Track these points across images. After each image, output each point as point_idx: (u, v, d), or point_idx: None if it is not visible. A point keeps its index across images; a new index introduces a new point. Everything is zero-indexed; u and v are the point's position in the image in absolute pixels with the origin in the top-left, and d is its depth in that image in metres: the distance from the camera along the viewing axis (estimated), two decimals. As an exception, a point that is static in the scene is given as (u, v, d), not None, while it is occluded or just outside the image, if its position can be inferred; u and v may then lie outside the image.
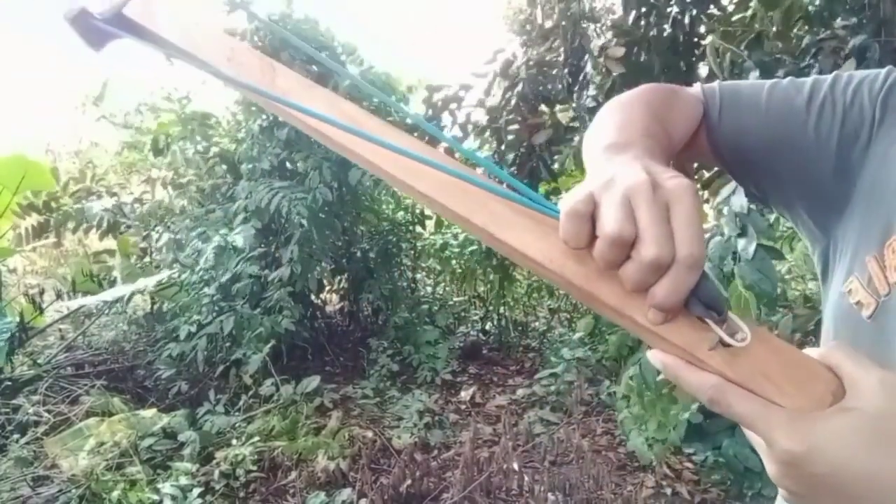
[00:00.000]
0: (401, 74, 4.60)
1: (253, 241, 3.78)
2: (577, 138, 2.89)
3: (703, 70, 2.96)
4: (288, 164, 4.11)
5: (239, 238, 3.67)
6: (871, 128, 0.60)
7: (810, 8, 2.40)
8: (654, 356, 0.41)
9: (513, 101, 3.01)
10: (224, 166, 4.42)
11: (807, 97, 0.64)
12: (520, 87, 2.96)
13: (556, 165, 3.16)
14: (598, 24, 2.88)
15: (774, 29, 2.40)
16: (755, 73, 2.12)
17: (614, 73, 2.62)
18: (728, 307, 0.39)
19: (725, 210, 1.95)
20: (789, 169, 0.64)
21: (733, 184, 2.04)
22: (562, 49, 2.98)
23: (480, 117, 3.13)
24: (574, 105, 2.94)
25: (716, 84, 0.71)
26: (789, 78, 0.68)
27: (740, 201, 1.84)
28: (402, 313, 4.44)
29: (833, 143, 0.61)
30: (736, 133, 0.67)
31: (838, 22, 2.27)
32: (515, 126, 3.02)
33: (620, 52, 2.62)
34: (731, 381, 0.39)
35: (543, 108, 3.09)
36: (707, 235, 2.20)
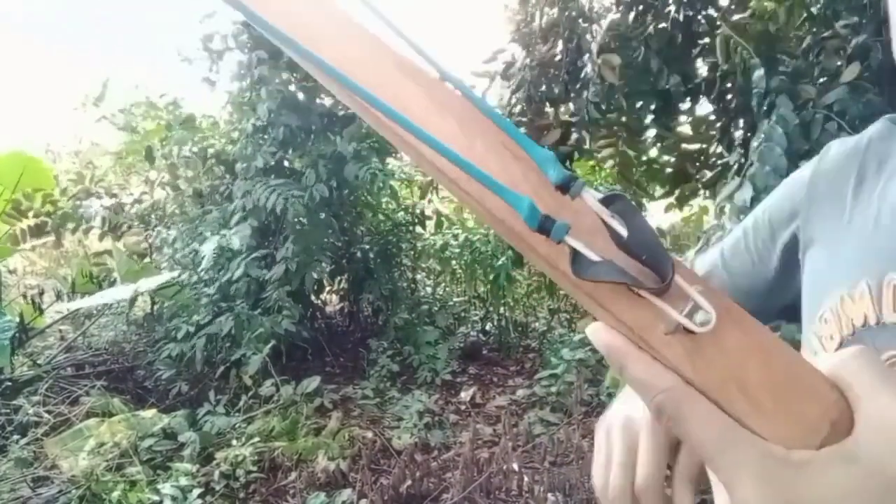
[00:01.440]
0: None
1: (250, 240, 3.78)
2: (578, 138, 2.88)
3: (702, 69, 2.96)
4: (286, 163, 4.11)
5: (235, 238, 3.67)
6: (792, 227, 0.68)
7: (813, 9, 2.40)
8: (595, 333, 0.30)
9: (519, 104, 3.00)
10: (222, 167, 4.42)
11: (743, 241, 0.73)
12: (524, 89, 2.95)
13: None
14: (596, 24, 2.87)
15: (776, 28, 2.40)
16: (760, 72, 2.12)
17: (608, 82, 2.63)
18: (674, 270, 0.27)
19: (727, 207, 1.95)
20: (772, 304, 0.72)
21: (735, 182, 2.04)
22: (559, 48, 2.98)
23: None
24: (574, 106, 2.94)
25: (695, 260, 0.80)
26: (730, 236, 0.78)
27: (743, 196, 1.84)
28: (402, 314, 4.44)
29: (776, 258, 0.69)
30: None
31: (840, 21, 2.27)
32: (523, 129, 3.01)
33: (617, 60, 2.62)
34: (690, 385, 0.28)
35: (548, 108, 3.09)
36: (709, 232, 2.19)
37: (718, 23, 2.64)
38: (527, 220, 0.28)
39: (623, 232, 0.29)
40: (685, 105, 3.00)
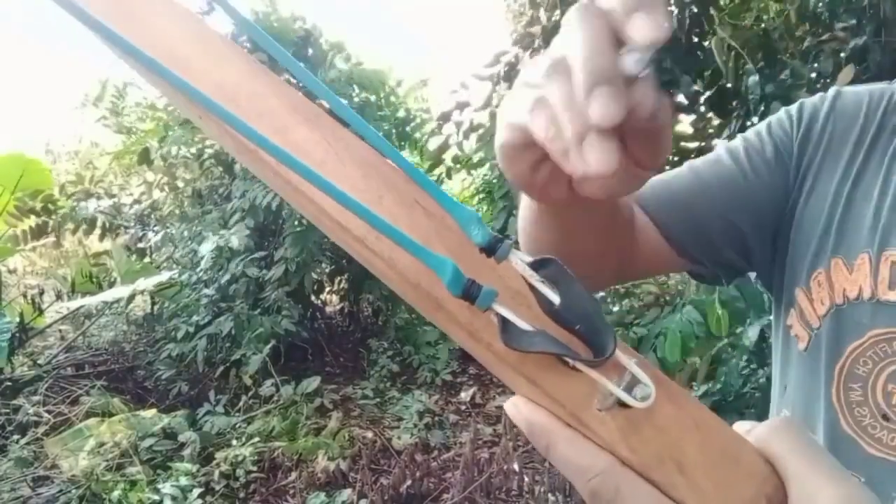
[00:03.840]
0: (391, 69, 4.60)
1: (249, 241, 3.78)
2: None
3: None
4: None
5: (234, 238, 3.68)
6: (797, 167, 0.60)
7: (817, 10, 2.40)
8: (515, 409, 0.27)
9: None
10: (220, 168, 4.42)
11: (727, 154, 0.64)
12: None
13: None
14: None
15: (774, 28, 2.40)
16: (755, 77, 2.12)
17: None
18: (615, 341, 0.25)
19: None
20: (752, 224, 0.62)
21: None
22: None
23: (483, 120, 3.13)
24: None
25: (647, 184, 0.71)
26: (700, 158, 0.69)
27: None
28: (402, 314, 4.44)
29: (777, 178, 0.61)
30: (689, 218, 0.63)
31: (838, 23, 2.28)
32: None
33: None
34: (626, 465, 0.26)
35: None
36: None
37: (714, 27, 2.64)
38: (449, 285, 0.25)
39: (555, 299, 0.26)
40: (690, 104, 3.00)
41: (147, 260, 4.73)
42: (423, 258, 0.26)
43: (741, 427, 0.29)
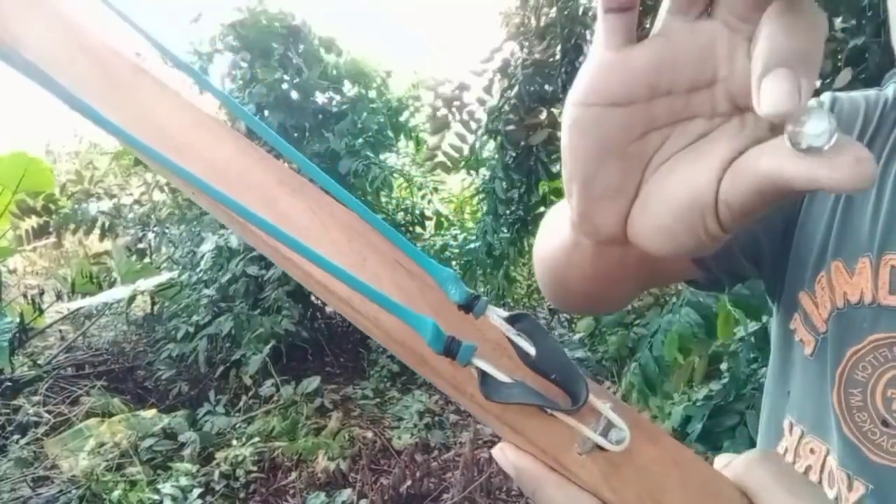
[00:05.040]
0: (380, 61, 4.59)
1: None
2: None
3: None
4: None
5: (233, 238, 3.68)
6: None
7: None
8: (502, 454, 0.29)
9: (511, 102, 3.00)
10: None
11: None
12: (517, 88, 2.96)
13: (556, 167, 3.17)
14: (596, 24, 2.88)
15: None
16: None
17: None
18: (587, 390, 0.27)
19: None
20: (767, 230, 0.61)
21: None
22: (558, 48, 2.98)
23: (482, 115, 3.13)
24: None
25: None
26: None
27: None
28: (402, 314, 4.44)
29: None
30: None
31: (838, 24, 2.27)
32: (512, 127, 3.02)
33: None
34: None
35: (540, 108, 3.09)
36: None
37: None
38: (430, 343, 0.27)
39: (531, 350, 0.28)
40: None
41: (147, 260, 4.74)
42: (404, 318, 0.27)
43: (720, 461, 0.30)
